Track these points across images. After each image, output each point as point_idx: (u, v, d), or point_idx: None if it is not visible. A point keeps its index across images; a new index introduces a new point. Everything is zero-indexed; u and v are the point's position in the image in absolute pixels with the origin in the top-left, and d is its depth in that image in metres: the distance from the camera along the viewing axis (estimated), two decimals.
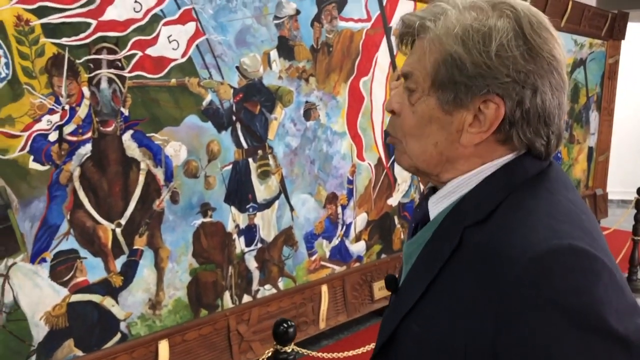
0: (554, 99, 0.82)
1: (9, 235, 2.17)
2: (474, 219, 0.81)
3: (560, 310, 0.69)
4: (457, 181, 0.86)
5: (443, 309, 0.81)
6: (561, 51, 0.82)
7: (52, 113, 2.23)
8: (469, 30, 0.80)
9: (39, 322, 2.27)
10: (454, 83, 0.81)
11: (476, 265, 0.78)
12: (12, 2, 2.09)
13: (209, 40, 2.73)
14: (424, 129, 0.86)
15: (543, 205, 0.79)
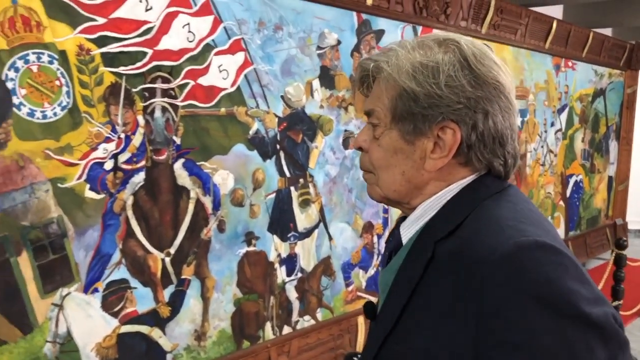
0: (504, 120, 0.89)
1: (64, 264, 2.15)
2: (443, 233, 0.87)
3: (535, 302, 0.73)
4: (424, 204, 0.93)
5: (422, 323, 0.84)
6: (506, 77, 0.90)
7: (109, 141, 2.23)
8: (419, 66, 0.88)
9: (90, 354, 2.23)
10: (411, 114, 0.89)
11: (450, 272, 0.82)
12: (75, 32, 2.10)
13: (257, 70, 2.74)
14: (390, 160, 0.93)
15: (506, 212, 0.85)
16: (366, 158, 0.97)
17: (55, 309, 2.13)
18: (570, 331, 0.72)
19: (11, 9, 1.94)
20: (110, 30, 2.19)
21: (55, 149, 2.08)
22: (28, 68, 2.00)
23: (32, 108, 2.02)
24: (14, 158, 1.99)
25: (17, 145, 1.99)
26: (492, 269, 0.76)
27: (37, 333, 2.09)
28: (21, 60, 1.98)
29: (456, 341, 0.78)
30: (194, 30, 2.47)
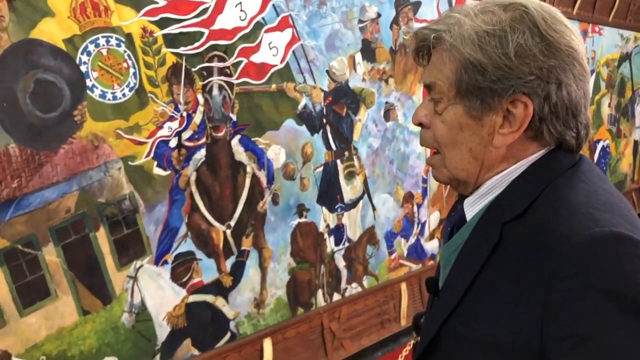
0: (579, 89, 0.82)
1: (136, 238, 2.26)
2: (511, 215, 0.82)
3: (607, 297, 0.70)
4: (491, 181, 0.87)
5: (487, 307, 0.81)
6: (578, 41, 0.83)
7: (172, 120, 2.32)
8: (484, 35, 0.81)
9: (162, 323, 2.36)
10: (478, 89, 0.82)
11: (518, 259, 0.78)
12: (139, 15, 2.18)
13: (303, 46, 2.80)
14: (456, 137, 0.86)
15: (581, 196, 0.79)
16: (428, 134, 0.90)
17: (131, 281, 2.25)
18: None
19: None
20: (171, 12, 2.27)
21: (125, 129, 2.17)
22: (99, 51, 2.08)
23: (103, 90, 2.11)
24: (89, 138, 2.09)
25: (91, 126, 2.09)
26: (563, 262, 0.73)
27: (115, 304, 2.21)
28: (92, 44, 2.07)
29: (521, 330, 0.76)
30: (245, 9, 2.53)
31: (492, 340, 0.79)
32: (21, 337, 1.97)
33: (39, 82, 1.94)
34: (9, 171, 1.90)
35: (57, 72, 1.98)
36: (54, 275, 2.03)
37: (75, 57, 2.02)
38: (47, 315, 2.03)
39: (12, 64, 1.88)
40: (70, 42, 2.01)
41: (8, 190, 1.90)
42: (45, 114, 1.96)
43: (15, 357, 1.95)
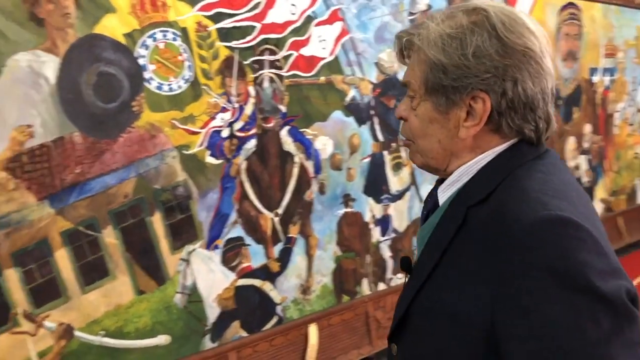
0: (535, 86, 0.90)
1: (189, 223, 2.38)
2: (475, 200, 0.91)
3: (549, 273, 0.77)
4: (460, 170, 0.96)
5: (449, 282, 0.90)
6: (538, 42, 0.90)
7: (225, 111, 2.42)
8: (447, 38, 0.90)
9: (212, 304, 2.47)
10: (442, 86, 0.92)
11: (478, 238, 0.87)
12: (194, 10, 2.28)
13: (352, 39, 2.85)
14: (427, 129, 0.96)
15: (535, 183, 0.87)
16: (406, 127, 1.00)
17: (183, 264, 2.37)
18: (579, 302, 0.77)
19: None
20: (224, 6, 2.36)
21: (180, 119, 2.28)
22: (156, 45, 2.20)
23: (160, 82, 2.22)
24: (147, 128, 2.21)
25: (148, 116, 2.21)
26: (511, 240, 0.81)
27: (169, 285, 2.34)
28: (150, 38, 2.18)
29: (476, 302, 0.84)
30: (296, 3, 2.60)
31: (452, 312, 0.87)
32: (82, 312, 2.12)
33: (101, 75, 2.07)
34: (73, 158, 2.04)
35: (117, 65, 2.10)
36: (112, 256, 2.17)
37: (134, 50, 2.14)
38: (106, 293, 2.17)
39: (77, 58, 2.01)
40: (130, 37, 2.13)
41: (72, 175, 2.04)
42: (107, 105, 2.09)
43: (77, 331, 2.10)
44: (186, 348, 2.38)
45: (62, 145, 2.02)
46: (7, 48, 1.87)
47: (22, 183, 1.95)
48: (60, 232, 2.05)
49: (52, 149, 1.99)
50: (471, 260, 0.87)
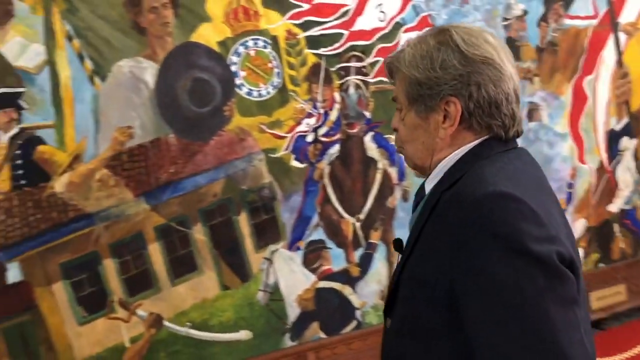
0: (496, 87, 1.06)
1: (273, 224, 2.46)
2: (446, 185, 1.08)
3: (492, 238, 0.94)
4: (441, 164, 1.12)
5: (422, 256, 1.07)
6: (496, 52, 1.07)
7: (310, 117, 2.48)
8: (419, 58, 1.09)
9: (292, 303, 2.54)
10: (420, 96, 1.10)
11: (441, 215, 1.05)
12: (285, 18, 2.36)
13: None
14: (412, 135, 1.14)
15: (493, 170, 1.04)
16: (398, 136, 1.19)
17: (266, 263, 2.45)
18: (517, 263, 0.93)
19: (235, 1, 2.25)
20: (313, 15, 2.43)
21: (268, 124, 2.37)
22: (247, 53, 2.30)
23: (250, 88, 2.33)
24: (236, 131, 2.32)
25: (238, 121, 2.31)
26: (464, 212, 0.98)
27: (252, 282, 2.43)
28: (242, 46, 2.29)
29: (439, 268, 1.01)
30: (385, 10, 2.62)
31: (422, 279, 1.05)
32: (171, 303, 2.25)
33: (195, 81, 2.20)
34: (167, 158, 2.18)
35: (211, 72, 2.23)
36: (200, 252, 2.29)
37: (226, 58, 2.26)
38: (193, 287, 2.29)
39: (174, 64, 2.15)
40: (223, 45, 2.25)
41: (166, 174, 2.18)
42: (200, 109, 2.22)
43: (166, 321, 2.24)
44: (267, 345, 2.46)
45: (158, 146, 2.16)
46: (112, 55, 2.04)
47: (121, 180, 2.11)
48: (154, 227, 2.19)
49: (149, 149, 2.14)
50: (436, 233, 1.05)
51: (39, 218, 1.96)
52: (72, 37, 1.97)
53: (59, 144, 2.00)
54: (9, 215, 1.90)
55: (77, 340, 2.07)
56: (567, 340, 0.92)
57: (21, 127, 1.92)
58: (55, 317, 2.03)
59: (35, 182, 1.96)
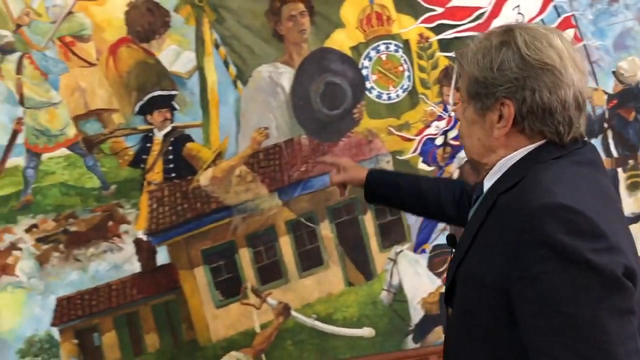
0: (551, 94, 1.06)
1: (398, 225, 2.50)
2: (503, 188, 1.10)
3: (549, 249, 0.96)
4: (500, 163, 1.14)
5: (479, 255, 1.11)
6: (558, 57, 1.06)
7: (440, 119, 2.48)
8: (480, 56, 1.11)
9: (416, 306, 2.55)
10: (478, 94, 1.13)
11: (500, 219, 1.08)
12: (417, 22, 2.39)
13: (586, 46, 2.67)
14: (470, 129, 1.18)
15: (549, 176, 1.05)
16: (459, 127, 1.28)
17: (390, 263, 2.49)
18: (572, 272, 0.95)
19: (368, 8, 2.32)
20: (447, 18, 2.42)
21: (396, 126, 2.42)
22: (378, 57, 2.36)
23: (379, 91, 2.39)
24: (364, 134, 2.39)
25: (367, 123, 2.38)
26: (521, 221, 1.01)
27: (376, 281, 2.48)
28: (373, 50, 2.35)
29: (497, 272, 1.04)
30: (523, 12, 2.54)
31: (480, 280, 1.09)
32: (299, 295, 2.38)
33: (327, 84, 2.30)
34: (299, 157, 2.31)
35: (342, 76, 2.32)
36: (327, 248, 2.40)
37: (358, 62, 2.34)
38: (319, 280, 2.40)
39: (308, 69, 2.28)
40: (355, 49, 2.33)
41: (298, 173, 2.32)
42: (331, 112, 2.32)
43: (293, 311, 2.37)
44: (389, 344, 2.50)
45: (291, 146, 2.30)
46: (253, 61, 2.21)
47: (257, 176, 2.28)
48: (285, 221, 2.33)
49: (283, 149, 2.29)
50: (494, 236, 1.08)
51: (185, 208, 2.18)
52: (219, 45, 2.16)
53: (205, 141, 2.20)
54: (160, 204, 2.13)
55: (213, 322, 2.27)
56: (623, 350, 0.93)
57: (173, 125, 2.15)
58: (196, 299, 2.24)
59: (184, 175, 2.18)
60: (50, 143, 1.98)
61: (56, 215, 2.00)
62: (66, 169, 2.01)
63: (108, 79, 2.02)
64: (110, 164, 2.07)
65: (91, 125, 2.02)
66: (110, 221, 2.08)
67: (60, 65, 1.96)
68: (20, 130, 1.94)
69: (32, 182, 1.96)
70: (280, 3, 2.20)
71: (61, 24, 1.94)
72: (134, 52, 2.05)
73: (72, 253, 2.04)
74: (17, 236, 1.96)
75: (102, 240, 2.07)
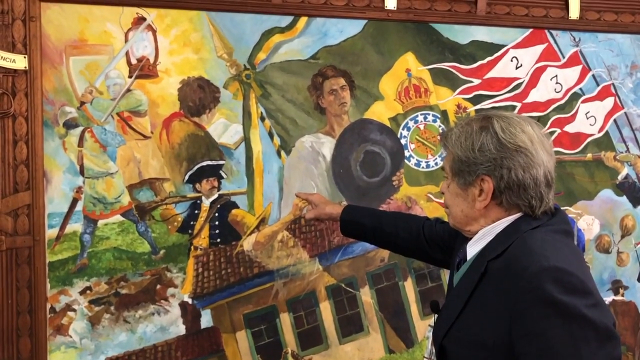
0: (525, 173, 1.23)
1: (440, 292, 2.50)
2: (493, 255, 1.23)
3: (551, 306, 1.08)
4: (483, 231, 1.30)
5: (476, 318, 1.22)
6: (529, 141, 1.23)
7: None
8: (463, 139, 1.29)
9: None
10: (460, 171, 1.30)
11: (495, 283, 1.19)
12: (455, 94, 2.47)
13: (627, 114, 2.68)
14: (454, 201, 1.34)
15: (537, 243, 1.19)
16: (445, 199, 1.40)
17: (432, 330, 2.48)
18: (574, 327, 1.08)
19: (407, 81, 2.42)
20: (484, 89, 2.50)
21: (435, 193, 2.46)
22: (417, 127, 2.44)
23: (418, 159, 2.45)
24: (404, 200, 2.44)
25: (406, 190, 2.44)
26: (523, 283, 1.12)
27: (416, 348, 2.48)
28: (412, 120, 2.44)
29: (498, 331, 1.15)
30: (561, 81, 2.59)
31: (480, 340, 1.20)
32: None
33: (367, 153, 2.39)
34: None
35: (382, 145, 2.40)
36: (367, 314, 2.42)
37: (397, 132, 2.42)
38: (360, 347, 2.41)
39: (349, 139, 2.37)
40: (394, 120, 2.42)
41: (338, 238, 2.37)
42: (370, 179, 2.40)
43: None
44: None
45: None
46: (296, 132, 2.32)
47: (299, 242, 2.35)
48: (325, 286, 2.38)
49: None
50: (491, 300, 1.19)
51: (229, 272, 2.26)
52: (265, 118, 2.29)
53: (249, 208, 2.30)
54: (205, 268, 2.22)
55: None
56: None
57: (220, 193, 2.26)
58: None
59: (229, 241, 2.28)
60: (106, 210, 2.12)
61: (109, 279, 2.11)
62: (119, 235, 2.13)
63: (161, 150, 2.17)
64: (160, 230, 2.18)
65: (144, 194, 2.16)
66: (158, 284, 2.18)
67: (118, 138, 2.12)
68: (79, 198, 2.08)
69: (88, 247, 2.09)
70: (322, 78, 2.32)
71: (120, 101, 2.11)
72: (186, 126, 2.20)
73: (122, 315, 2.13)
74: (72, 298, 2.07)
75: (150, 303, 2.17)
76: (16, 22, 1.94)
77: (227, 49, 2.21)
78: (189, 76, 2.18)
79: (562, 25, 2.54)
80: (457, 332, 1.27)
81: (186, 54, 2.17)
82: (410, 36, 2.41)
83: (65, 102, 2.05)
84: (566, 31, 2.56)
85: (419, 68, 2.42)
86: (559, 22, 2.53)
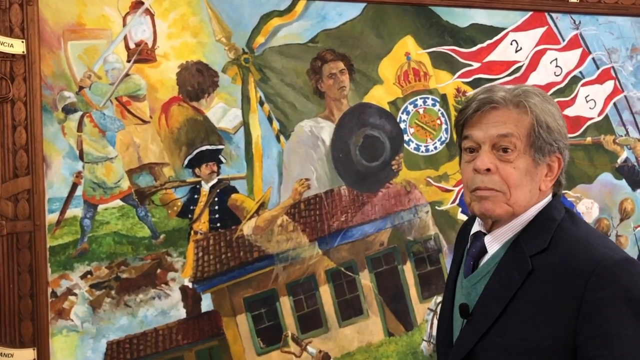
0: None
1: (438, 275, 2.52)
2: (537, 249, 1.10)
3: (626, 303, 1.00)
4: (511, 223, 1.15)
5: (525, 320, 1.07)
6: None
7: None
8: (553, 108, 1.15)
9: None
10: (543, 144, 1.12)
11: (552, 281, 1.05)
12: (454, 77, 2.47)
13: (627, 97, 2.68)
14: (523, 180, 1.12)
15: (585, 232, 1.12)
16: (495, 178, 1.13)
17: (431, 314, 2.50)
18: None
19: (406, 64, 2.41)
20: (484, 72, 2.49)
21: (435, 177, 2.47)
22: (416, 111, 2.44)
23: (417, 143, 2.45)
24: (403, 184, 2.45)
25: (405, 174, 2.44)
26: (594, 279, 1.01)
27: (416, 331, 2.49)
28: (411, 104, 2.44)
29: (557, 333, 1.03)
30: (561, 65, 2.58)
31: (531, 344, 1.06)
32: (338, 344, 2.41)
33: (366, 137, 2.39)
34: (339, 207, 2.38)
35: (381, 129, 2.40)
36: (366, 297, 2.43)
37: (396, 116, 2.42)
38: (359, 330, 2.43)
39: (348, 123, 2.37)
40: (393, 104, 2.42)
41: (338, 222, 2.38)
42: (370, 163, 2.40)
43: None
44: None
45: (332, 197, 2.38)
46: (296, 116, 2.32)
47: (298, 226, 2.35)
48: (325, 270, 2.39)
49: (323, 199, 2.37)
50: (547, 299, 1.06)
51: (229, 256, 2.27)
52: (264, 102, 2.29)
53: (248, 192, 2.31)
54: (205, 252, 2.23)
55: None
56: None
57: (219, 178, 2.27)
58: (238, 346, 2.30)
59: (228, 225, 2.28)
60: (106, 195, 2.12)
61: (109, 263, 2.12)
62: (119, 219, 2.14)
63: (160, 135, 2.17)
64: (160, 214, 2.19)
65: (143, 178, 2.16)
66: (158, 269, 2.19)
67: (117, 123, 2.12)
68: (79, 183, 2.08)
69: (88, 232, 2.10)
70: (321, 62, 2.32)
71: (119, 85, 2.11)
72: (185, 110, 2.20)
73: (122, 299, 2.15)
74: (73, 282, 2.08)
75: (150, 287, 2.18)
76: (13, 6, 1.93)
77: (225, 32, 2.21)
78: (187, 60, 2.18)
79: (562, 7, 2.53)
80: (497, 337, 1.10)
81: (184, 38, 2.16)
82: (409, 19, 2.40)
83: (64, 87, 2.05)
84: (566, 14, 2.55)
85: (418, 51, 2.41)
86: (559, 4, 2.52)
